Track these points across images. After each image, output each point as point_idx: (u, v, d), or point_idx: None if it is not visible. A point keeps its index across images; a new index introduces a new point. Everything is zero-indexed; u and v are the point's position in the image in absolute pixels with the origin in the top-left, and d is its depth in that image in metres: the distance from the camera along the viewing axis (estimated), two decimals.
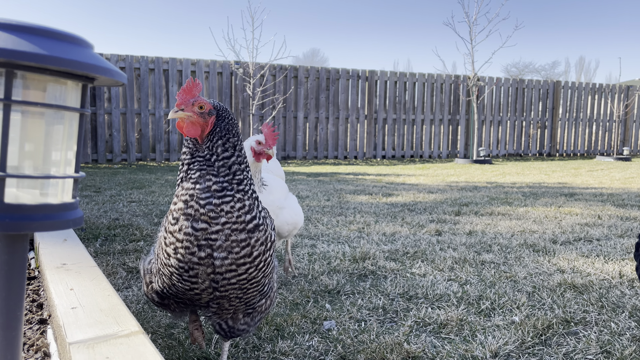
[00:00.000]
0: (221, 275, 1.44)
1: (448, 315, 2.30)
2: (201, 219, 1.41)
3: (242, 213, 1.44)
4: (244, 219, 1.44)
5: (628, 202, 5.80)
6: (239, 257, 1.44)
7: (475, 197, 6.24)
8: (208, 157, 1.46)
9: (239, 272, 1.46)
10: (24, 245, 0.81)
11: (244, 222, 1.44)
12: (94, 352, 1.16)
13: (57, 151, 0.80)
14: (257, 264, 1.49)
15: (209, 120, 1.47)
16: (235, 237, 1.43)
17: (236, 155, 1.49)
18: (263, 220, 1.51)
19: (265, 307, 1.70)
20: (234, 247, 1.43)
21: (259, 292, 1.59)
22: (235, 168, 1.48)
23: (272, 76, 12.65)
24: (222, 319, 1.63)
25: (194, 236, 1.41)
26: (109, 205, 5.26)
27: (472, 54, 13.15)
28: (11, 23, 0.72)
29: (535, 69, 50.27)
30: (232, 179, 1.46)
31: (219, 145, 1.47)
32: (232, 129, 1.52)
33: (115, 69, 0.81)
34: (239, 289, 1.50)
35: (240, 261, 1.44)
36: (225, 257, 1.42)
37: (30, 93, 0.75)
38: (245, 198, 1.47)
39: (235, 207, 1.43)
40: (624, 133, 17.40)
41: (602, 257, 3.35)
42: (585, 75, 51.54)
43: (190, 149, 1.49)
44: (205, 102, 1.48)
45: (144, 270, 1.69)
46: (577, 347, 2.00)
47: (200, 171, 1.45)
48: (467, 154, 14.83)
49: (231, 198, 1.44)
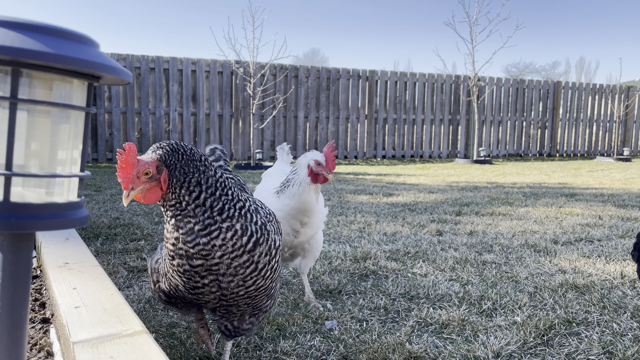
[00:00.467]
0: (229, 291, 1.45)
1: (450, 316, 2.30)
2: (194, 257, 1.39)
3: (237, 239, 1.39)
4: (241, 243, 1.40)
5: (629, 202, 5.80)
6: (246, 276, 1.44)
7: (475, 197, 6.24)
8: (178, 205, 1.38)
9: (247, 286, 1.46)
10: (30, 244, 0.81)
11: (242, 246, 1.40)
12: (99, 351, 1.16)
13: (63, 150, 0.80)
14: (263, 274, 1.49)
15: (161, 177, 1.36)
16: (237, 262, 1.41)
17: (204, 189, 1.39)
18: (262, 230, 1.46)
19: (270, 305, 1.70)
20: (239, 270, 1.42)
21: (267, 295, 1.60)
22: (209, 202, 1.38)
23: (273, 76, 12.64)
24: (229, 321, 1.64)
25: (194, 271, 1.40)
26: (110, 204, 5.26)
27: (473, 54, 13.16)
28: (17, 21, 0.72)
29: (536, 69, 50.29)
30: (211, 214, 1.38)
31: (183, 194, 1.37)
32: (190, 166, 1.39)
33: (121, 68, 0.81)
34: (247, 297, 1.51)
35: (247, 277, 1.45)
36: (231, 280, 1.42)
37: (37, 92, 0.75)
38: (234, 222, 1.40)
39: (227, 237, 1.38)
40: (625, 133, 17.40)
41: (603, 257, 3.35)
42: (586, 76, 51.57)
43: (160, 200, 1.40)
44: (147, 165, 1.34)
45: (151, 268, 1.69)
46: (579, 348, 2.00)
47: (176, 217, 1.38)
48: (468, 154, 14.83)
49: (219, 232, 1.37)
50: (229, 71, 12.31)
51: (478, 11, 13.01)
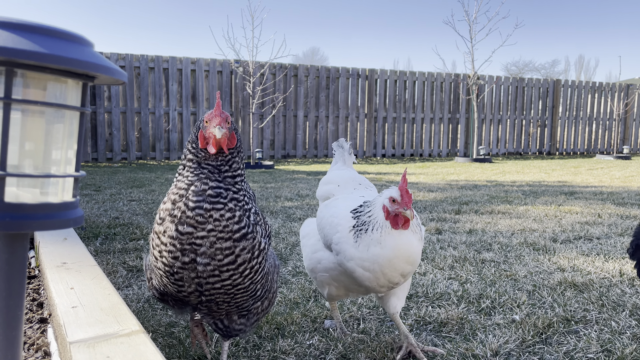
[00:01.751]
0: (204, 279, 1.45)
1: (448, 314, 2.30)
2: (187, 222, 1.40)
3: (231, 223, 1.44)
4: (232, 228, 1.44)
5: (628, 200, 5.80)
6: (222, 265, 1.44)
7: (475, 195, 6.24)
8: (219, 167, 1.48)
9: (222, 278, 1.46)
10: (24, 245, 0.81)
11: (231, 232, 1.43)
12: (95, 351, 1.16)
13: (58, 150, 0.80)
14: (241, 271, 1.48)
15: (233, 134, 1.52)
16: (220, 245, 1.42)
17: (242, 167, 1.55)
18: (252, 228, 1.50)
19: (262, 308, 1.69)
20: (217, 254, 1.42)
21: (250, 296, 1.58)
22: (238, 180, 1.51)
23: (272, 75, 12.64)
24: (215, 319, 1.64)
25: (179, 240, 1.41)
26: (109, 204, 5.26)
27: (472, 53, 13.15)
28: (11, 21, 0.71)
29: (535, 67, 50.27)
30: (227, 189, 1.46)
31: (237, 160, 1.52)
32: (241, 145, 1.57)
33: (116, 68, 0.81)
34: (225, 294, 1.50)
35: (224, 268, 1.44)
36: (207, 262, 1.42)
37: (31, 92, 0.75)
38: (237, 208, 1.46)
39: (224, 216, 1.43)
40: (624, 131, 17.39)
41: (602, 255, 3.35)
42: (585, 74, 51.54)
43: (197, 156, 1.49)
44: (229, 118, 1.52)
45: (146, 265, 1.69)
46: (578, 346, 2.00)
47: (200, 175, 1.45)
48: (467, 153, 14.83)
49: (222, 206, 1.43)
50: (229, 70, 12.31)
51: (477, 10, 13.00)
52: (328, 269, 1.97)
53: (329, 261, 1.96)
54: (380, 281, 1.81)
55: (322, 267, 2.00)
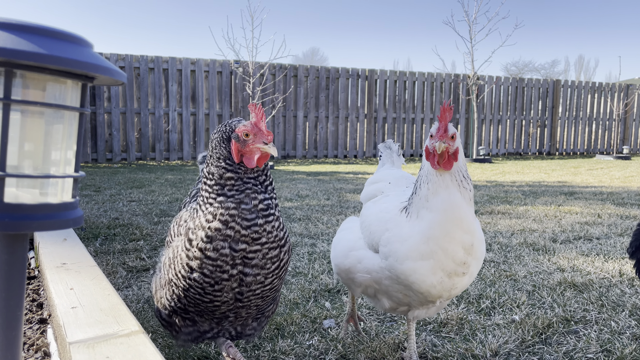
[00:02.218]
0: (248, 288, 1.44)
1: (448, 314, 2.30)
2: (241, 239, 1.38)
3: (279, 230, 1.44)
4: (280, 235, 1.45)
5: (628, 200, 5.80)
6: (270, 272, 1.45)
7: (475, 195, 6.24)
8: (257, 177, 1.44)
9: (265, 284, 1.47)
10: (24, 245, 0.81)
11: (279, 239, 1.44)
12: (94, 351, 1.16)
13: (57, 151, 0.80)
14: (280, 274, 1.50)
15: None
16: (271, 254, 1.43)
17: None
18: (285, 228, 1.51)
19: (272, 310, 1.70)
20: (267, 264, 1.43)
21: (273, 298, 1.60)
22: (271, 185, 1.48)
23: (272, 75, 12.64)
24: (233, 327, 1.62)
25: (231, 256, 1.38)
26: (109, 204, 5.26)
27: (472, 53, 13.15)
28: (10, 22, 0.72)
29: (535, 67, 50.27)
30: (273, 193, 1.47)
31: (268, 168, 1.48)
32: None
33: (115, 68, 0.81)
34: (260, 297, 1.50)
35: (270, 274, 1.45)
36: (257, 273, 1.42)
37: (30, 92, 0.75)
38: (278, 214, 1.46)
39: (275, 225, 1.43)
40: (624, 132, 17.39)
41: (602, 255, 3.35)
42: (585, 74, 51.55)
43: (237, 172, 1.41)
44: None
45: (155, 287, 1.65)
46: (577, 346, 2.00)
47: (246, 190, 1.41)
48: (467, 153, 14.83)
49: (273, 217, 1.43)
50: (228, 71, 12.31)
51: (477, 10, 13.00)
52: (371, 270, 1.78)
53: (373, 263, 1.77)
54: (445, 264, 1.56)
55: (363, 267, 1.81)
